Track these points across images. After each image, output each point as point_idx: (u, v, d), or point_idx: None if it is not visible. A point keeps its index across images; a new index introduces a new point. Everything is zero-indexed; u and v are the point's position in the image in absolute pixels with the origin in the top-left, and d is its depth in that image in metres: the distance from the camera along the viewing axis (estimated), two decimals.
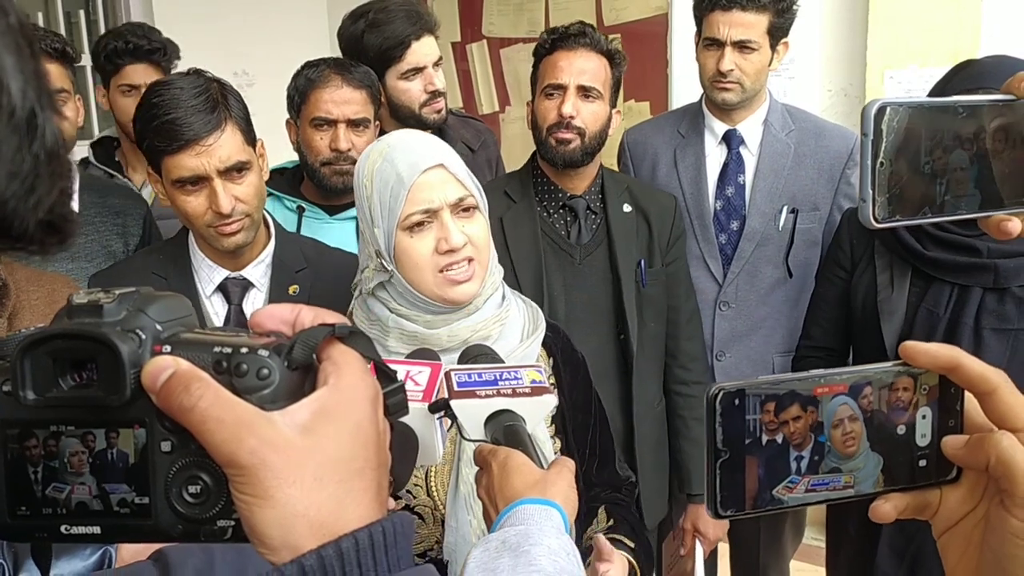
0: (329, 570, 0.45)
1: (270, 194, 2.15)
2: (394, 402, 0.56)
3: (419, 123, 2.27)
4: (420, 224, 1.27)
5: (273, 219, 1.80)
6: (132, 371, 0.47)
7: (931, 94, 1.79)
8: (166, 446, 0.48)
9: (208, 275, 1.70)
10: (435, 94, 2.33)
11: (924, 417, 0.59)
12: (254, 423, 0.46)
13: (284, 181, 2.20)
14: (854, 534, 1.92)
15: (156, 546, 0.85)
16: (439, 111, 2.36)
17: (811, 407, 0.56)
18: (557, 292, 2.02)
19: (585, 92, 1.97)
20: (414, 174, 1.26)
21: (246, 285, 1.71)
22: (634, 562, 1.29)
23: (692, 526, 2.23)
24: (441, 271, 1.27)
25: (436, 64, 2.35)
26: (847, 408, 0.57)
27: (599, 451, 1.47)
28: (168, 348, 0.48)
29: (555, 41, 1.99)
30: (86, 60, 3.22)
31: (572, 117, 1.96)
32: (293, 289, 1.71)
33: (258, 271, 1.72)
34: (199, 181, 1.58)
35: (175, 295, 0.53)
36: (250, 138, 1.65)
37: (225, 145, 1.57)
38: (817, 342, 2.04)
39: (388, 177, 1.27)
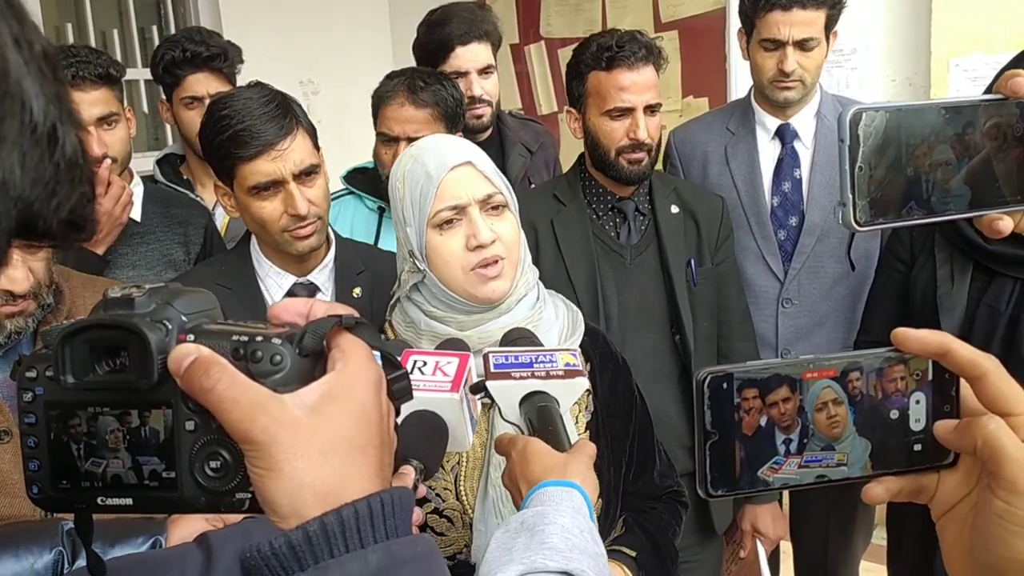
0: (331, 535, 0.50)
1: (351, 192, 2.20)
2: (399, 388, 0.60)
3: None
4: (450, 222, 1.28)
5: (331, 227, 1.82)
6: (159, 357, 0.53)
7: (994, 81, 1.74)
8: (190, 425, 0.54)
9: (276, 282, 1.73)
10: (473, 100, 2.35)
11: (918, 402, 0.60)
12: (266, 404, 0.51)
13: (367, 180, 2.22)
14: (916, 534, 1.88)
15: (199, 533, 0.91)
16: (479, 117, 2.38)
17: (797, 391, 0.58)
18: (610, 292, 2.01)
19: (651, 109, 1.96)
20: (442, 171, 1.27)
21: (313, 289, 1.74)
22: (627, 571, 1.28)
23: (751, 527, 2.20)
24: (472, 269, 1.28)
25: (483, 72, 2.38)
26: (831, 392, 0.58)
27: (636, 459, 1.45)
28: (192, 337, 0.54)
29: (611, 58, 1.92)
30: None
31: (646, 139, 1.94)
32: (356, 292, 1.74)
33: (323, 275, 1.76)
34: (273, 186, 1.62)
35: (202, 290, 0.58)
36: (316, 143, 1.70)
37: (298, 149, 1.61)
38: (875, 336, 2.00)
39: (418, 176, 1.29)
